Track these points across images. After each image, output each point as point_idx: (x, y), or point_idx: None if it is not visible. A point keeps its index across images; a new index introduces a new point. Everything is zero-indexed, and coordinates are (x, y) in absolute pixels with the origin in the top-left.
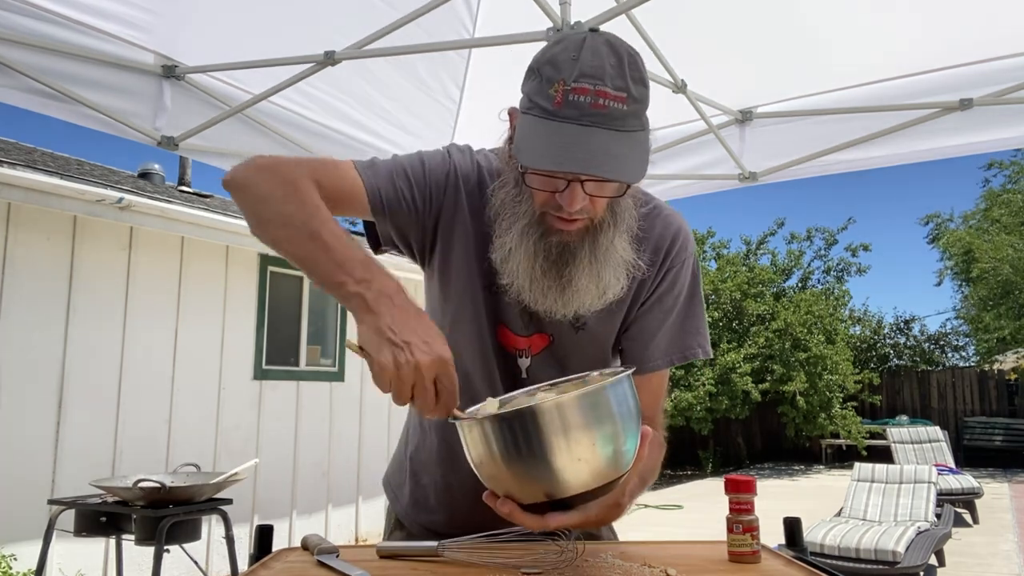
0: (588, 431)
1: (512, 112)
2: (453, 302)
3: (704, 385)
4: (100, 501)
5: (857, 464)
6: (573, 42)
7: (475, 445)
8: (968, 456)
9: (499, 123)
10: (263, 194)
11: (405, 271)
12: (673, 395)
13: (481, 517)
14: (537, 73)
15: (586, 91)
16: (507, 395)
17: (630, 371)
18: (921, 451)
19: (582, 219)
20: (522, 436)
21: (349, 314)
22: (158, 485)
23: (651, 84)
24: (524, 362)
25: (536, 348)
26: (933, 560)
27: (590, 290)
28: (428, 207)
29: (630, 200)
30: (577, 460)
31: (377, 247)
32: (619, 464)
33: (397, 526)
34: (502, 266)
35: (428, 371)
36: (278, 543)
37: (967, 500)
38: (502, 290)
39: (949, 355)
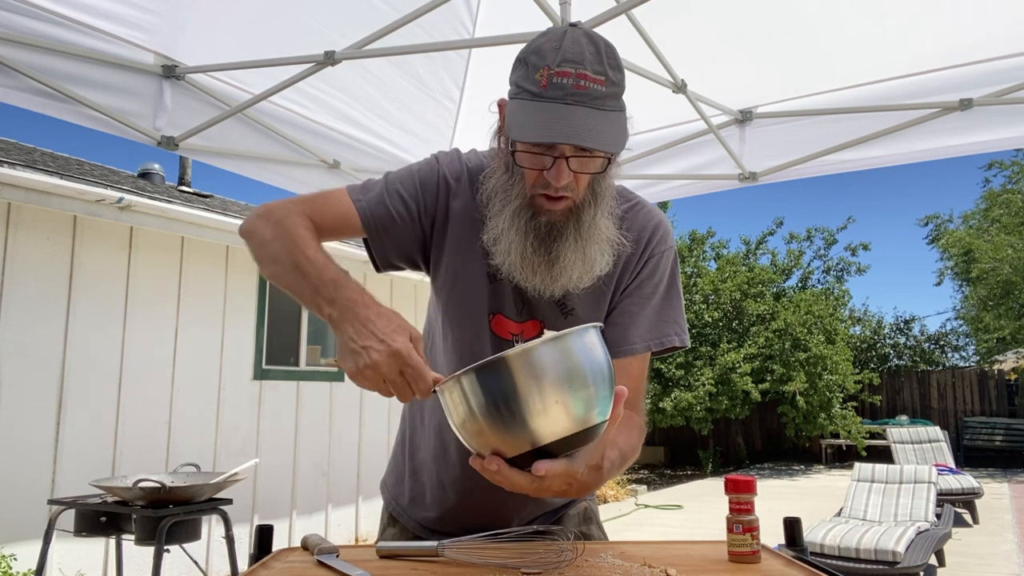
0: (558, 375)
1: (501, 103)
2: (458, 294)
3: (704, 385)
4: (100, 501)
5: (857, 464)
6: (555, 34)
7: (456, 405)
8: (968, 456)
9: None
10: (261, 238)
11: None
12: (673, 395)
13: (470, 516)
14: (524, 63)
15: (568, 74)
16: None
17: (598, 325)
18: (921, 451)
19: (567, 198)
20: (498, 385)
21: None
22: (158, 485)
23: (651, 84)
24: None
25: (528, 334)
26: (933, 560)
27: (576, 265)
28: (422, 215)
29: (611, 183)
30: (554, 403)
31: (379, 269)
32: (594, 411)
33: (390, 523)
34: (494, 247)
35: (388, 368)
36: (278, 543)
37: (967, 500)
38: (500, 277)
39: (949, 355)
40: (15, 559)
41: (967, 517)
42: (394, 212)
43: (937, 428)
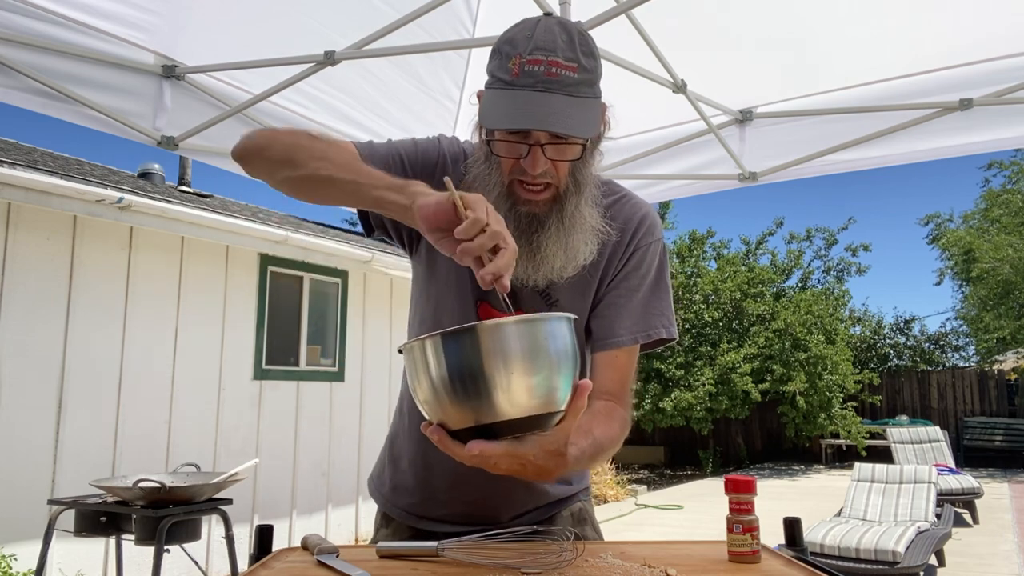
0: (522, 356)
1: (479, 94)
2: (440, 279)
3: (704, 385)
4: (100, 501)
5: (857, 464)
6: (529, 23)
7: (416, 366)
8: (968, 456)
9: None
10: (290, 143)
11: (400, 270)
12: (673, 395)
13: (455, 501)
14: (498, 52)
15: (540, 62)
16: None
17: (572, 316)
18: (921, 451)
19: (548, 187)
20: (459, 354)
21: (349, 314)
22: (158, 485)
23: (651, 84)
24: None
25: None
26: (933, 560)
27: (558, 255)
28: (416, 178)
29: (592, 171)
30: (508, 385)
31: (371, 231)
32: (549, 399)
33: (383, 523)
34: None
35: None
36: (278, 543)
37: (967, 500)
38: None
39: (949, 355)
40: (15, 559)
41: (967, 517)
42: (391, 164)
43: (937, 428)
